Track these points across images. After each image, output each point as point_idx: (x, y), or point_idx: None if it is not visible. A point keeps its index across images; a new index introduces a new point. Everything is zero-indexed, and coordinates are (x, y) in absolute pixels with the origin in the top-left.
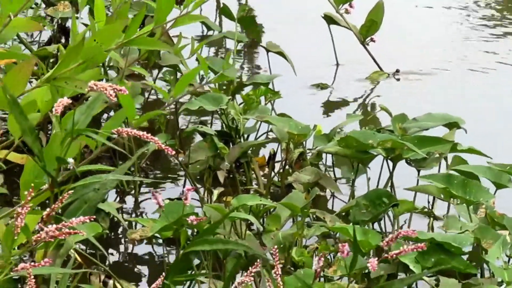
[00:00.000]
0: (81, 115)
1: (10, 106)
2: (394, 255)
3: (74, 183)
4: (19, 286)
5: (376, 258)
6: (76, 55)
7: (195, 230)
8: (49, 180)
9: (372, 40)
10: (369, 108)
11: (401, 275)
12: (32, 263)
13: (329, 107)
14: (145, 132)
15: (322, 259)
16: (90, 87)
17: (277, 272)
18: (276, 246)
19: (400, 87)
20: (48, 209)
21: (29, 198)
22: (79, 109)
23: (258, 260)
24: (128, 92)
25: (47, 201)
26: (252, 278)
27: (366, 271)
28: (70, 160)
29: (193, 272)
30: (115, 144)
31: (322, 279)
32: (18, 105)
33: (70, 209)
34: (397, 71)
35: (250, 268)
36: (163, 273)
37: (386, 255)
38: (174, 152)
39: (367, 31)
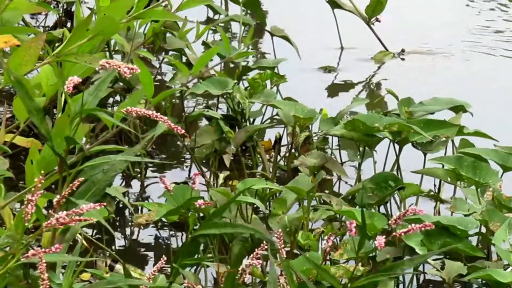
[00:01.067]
0: (89, 96)
1: (15, 86)
2: (402, 233)
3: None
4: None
5: (384, 237)
6: (85, 30)
7: (201, 214)
8: (58, 162)
9: (377, 20)
10: (374, 89)
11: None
12: (42, 249)
13: (335, 90)
14: (154, 111)
15: (331, 238)
16: (102, 65)
17: (282, 256)
18: (280, 230)
19: (405, 67)
20: (58, 196)
21: (39, 185)
22: (87, 90)
23: (264, 242)
24: (142, 70)
25: (52, 185)
26: (259, 261)
27: (372, 254)
28: (83, 139)
29: (200, 256)
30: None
31: (328, 262)
32: (23, 86)
33: (79, 191)
34: (402, 50)
35: (256, 251)
36: (164, 257)
37: (394, 233)
38: (183, 131)
39: (373, 11)
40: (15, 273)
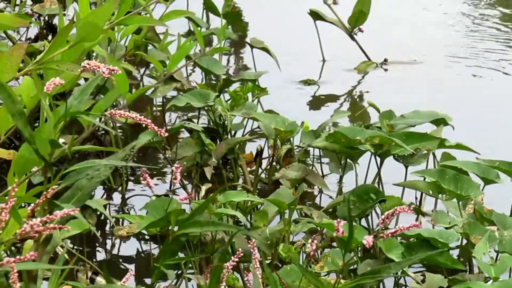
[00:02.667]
0: (74, 100)
1: None
2: (390, 235)
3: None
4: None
5: (372, 236)
6: (66, 37)
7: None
8: (42, 166)
9: (360, 30)
10: (357, 101)
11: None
12: (18, 258)
13: (317, 102)
14: (137, 115)
15: (315, 241)
16: (84, 67)
17: (256, 266)
18: (254, 241)
19: (388, 77)
20: (32, 204)
21: (13, 193)
22: (73, 95)
23: (240, 250)
24: (121, 72)
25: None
26: (232, 264)
27: (353, 267)
28: (61, 140)
29: (179, 271)
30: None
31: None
32: (6, 89)
33: (64, 196)
34: (385, 60)
35: (237, 263)
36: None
37: (382, 234)
38: (165, 133)
39: (356, 21)
40: None
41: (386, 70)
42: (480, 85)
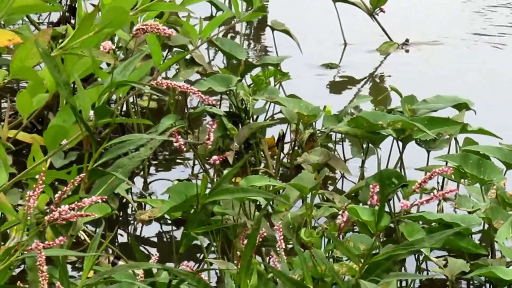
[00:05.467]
0: (117, 75)
1: (44, 59)
2: (425, 202)
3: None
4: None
5: (408, 202)
6: (90, 24)
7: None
8: (84, 136)
9: (381, 10)
10: (379, 82)
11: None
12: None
13: (339, 86)
14: (184, 83)
15: (346, 213)
16: (137, 29)
17: (280, 247)
18: (280, 222)
19: (410, 58)
20: (59, 192)
21: (40, 181)
22: (115, 70)
23: (248, 226)
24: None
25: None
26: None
27: (375, 251)
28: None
29: (203, 255)
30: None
31: (331, 260)
32: (52, 58)
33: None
34: (407, 40)
35: (262, 248)
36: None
37: (418, 202)
38: (211, 100)
39: (378, 1)
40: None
41: (407, 51)
42: (501, 67)
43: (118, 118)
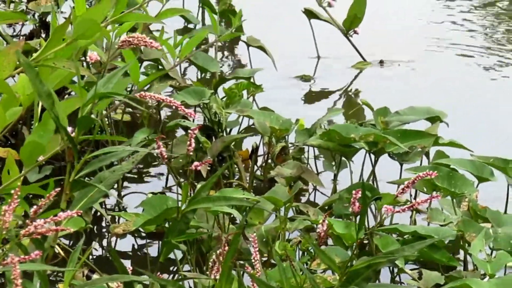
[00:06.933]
0: (101, 86)
1: (25, 69)
2: (407, 209)
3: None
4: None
5: (392, 206)
6: (63, 34)
7: None
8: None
9: (355, 32)
10: (352, 95)
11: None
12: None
13: (312, 99)
14: (167, 97)
15: (326, 221)
16: (123, 41)
17: (255, 258)
18: (255, 235)
19: (383, 76)
20: (35, 206)
21: (16, 196)
22: (99, 82)
23: (223, 236)
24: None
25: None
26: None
27: (349, 264)
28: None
29: (177, 268)
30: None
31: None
32: (33, 68)
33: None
34: (381, 61)
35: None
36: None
37: (403, 207)
38: (194, 114)
39: (350, 24)
40: None
41: (382, 66)
42: (475, 84)
43: (98, 136)
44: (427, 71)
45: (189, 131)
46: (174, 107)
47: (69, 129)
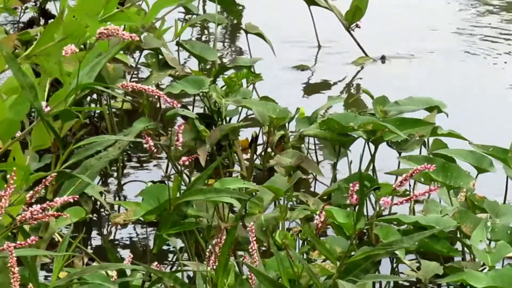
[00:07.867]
0: (84, 76)
1: (7, 62)
2: (405, 201)
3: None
4: None
5: (390, 197)
6: (55, 32)
7: None
8: (52, 140)
9: (357, 26)
10: (353, 90)
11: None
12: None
13: (312, 88)
14: (150, 87)
15: (323, 213)
16: (100, 32)
17: (253, 248)
18: (252, 223)
19: (385, 71)
20: (31, 192)
21: (12, 181)
22: (82, 71)
23: (222, 227)
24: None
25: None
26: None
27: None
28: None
29: (175, 257)
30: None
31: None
32: (16, 61)
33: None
34: (383, 57)
35: (235, 252)
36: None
37: (408, 197)
38: (178, 104)
39: (352, 17)
40: None
41: (383, 62)
42: (477, 79)
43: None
44: (428, 66)
45: (176, 127)
46: (156, 96)
47: None
